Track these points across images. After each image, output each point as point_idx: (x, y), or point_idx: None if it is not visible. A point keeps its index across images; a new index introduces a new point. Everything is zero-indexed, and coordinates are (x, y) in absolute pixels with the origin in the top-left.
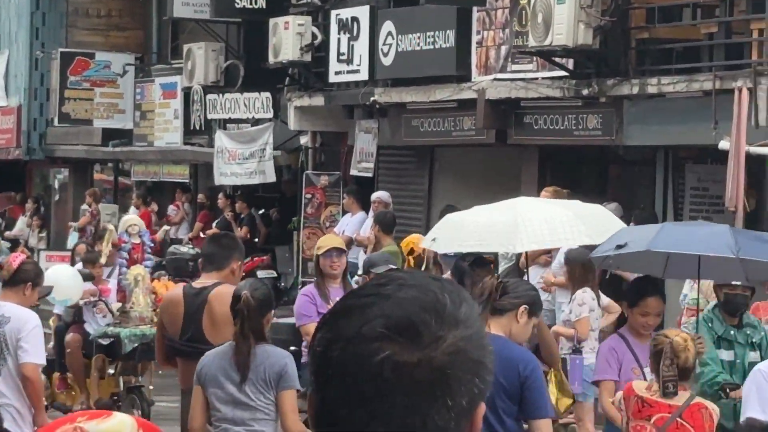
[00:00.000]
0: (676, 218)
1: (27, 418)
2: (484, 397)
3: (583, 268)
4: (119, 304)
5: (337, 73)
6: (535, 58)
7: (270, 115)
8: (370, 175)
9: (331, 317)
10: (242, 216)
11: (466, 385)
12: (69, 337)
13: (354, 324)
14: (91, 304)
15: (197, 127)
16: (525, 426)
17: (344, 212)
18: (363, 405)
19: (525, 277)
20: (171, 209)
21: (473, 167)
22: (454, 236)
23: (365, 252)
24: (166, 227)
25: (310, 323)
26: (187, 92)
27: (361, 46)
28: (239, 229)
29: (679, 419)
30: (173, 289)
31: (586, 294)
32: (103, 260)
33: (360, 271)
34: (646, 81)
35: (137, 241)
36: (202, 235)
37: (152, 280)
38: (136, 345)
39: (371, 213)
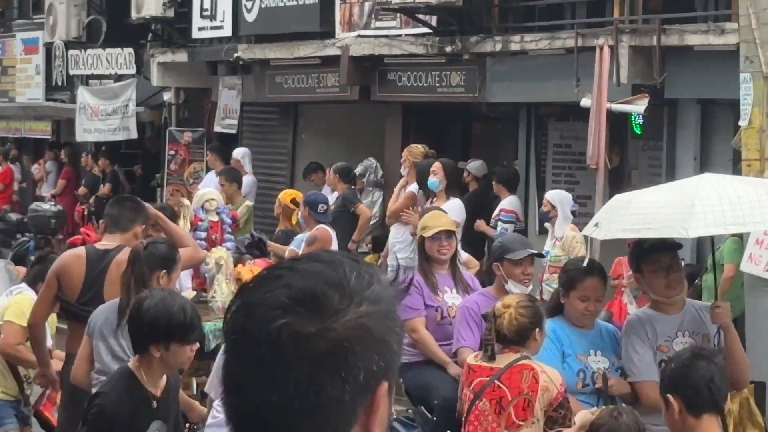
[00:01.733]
0: (539, 175)
1: None
2: (386, 376)
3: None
4: (193, 293)
5: (200, 29)
6: (398, 15)
7: (133, 71)
8: (233, 131)
9: (244, 286)
10: (106, 173)
11: (364, 362)
12: None
13: (260, 292)
14: None
15: (59, 83)
16: None
17: (208, 169)
18: (261, 371)
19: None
20: (34, 168)
21: (337, 124)
22: (619, 220)
23: None
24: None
25: (417, 318)
26: (48, 48)
27: (225, 2)
28: (103, 186)
29: (497, 381)
30: (73, 250)
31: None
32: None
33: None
34: (509, 38)
35: (215, 218)
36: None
37: (236, 264)
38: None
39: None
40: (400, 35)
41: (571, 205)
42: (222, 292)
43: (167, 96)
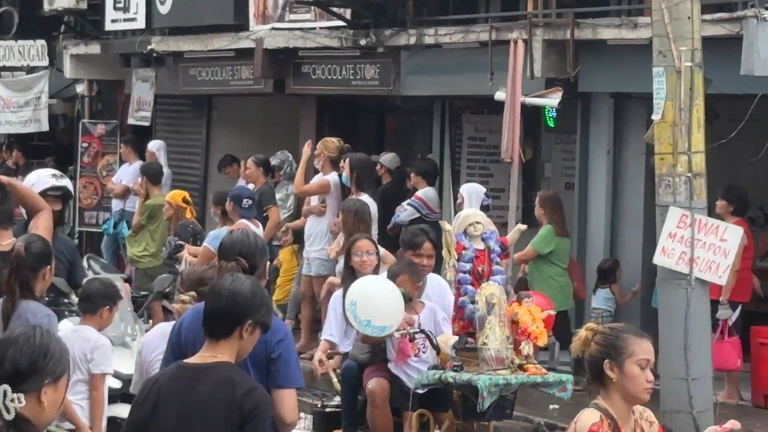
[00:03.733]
0: (454, 168)
1: None
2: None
3: (355, 217)
4: (454, 339)
5: (113, 21)
6: (312, 8)
7: (45, 63)
8: (147, 124)
9: None
10: (19, 165)
11: None
12: (372, 383)
13: None
14: (405, 335)
15: None
16: None
17: (122, 162)
18: None
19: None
20: None
21: (251, 117)
22: None
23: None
24: None
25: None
26: None
27: None
28: (16, 178)
29: None
30: None
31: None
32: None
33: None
34: (423, 31)
35: (481, 246)
36: None
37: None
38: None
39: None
40: (314, 28)
41: (482, 199)
42: (495, 338)
43: (80, 88)
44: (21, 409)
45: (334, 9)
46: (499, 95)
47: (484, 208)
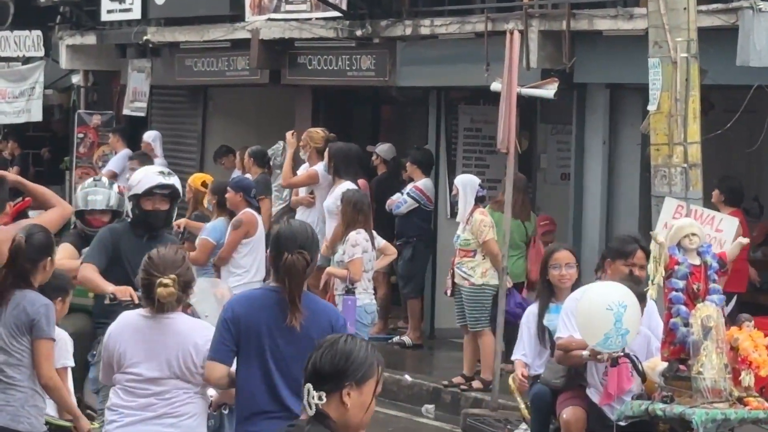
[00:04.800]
0: (449, 159)
1: None
2: None
3: (354, 208)
4: (663, 365)
5: (109, 11)
6: None
7: (41, 53)
8: (143, 114)
9: None
10: (15, 156)
11: None
12: (568, 412)
13: None
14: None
15: None
16: None
17: (115, 152)
18: None
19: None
20: None
21: (247, 107)
22: None
23: None
24: None
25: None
26: None
27: None
28: (11, 169)
29: None
30: None
31: (359, 235)
32: None
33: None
34: (419, 22)
35: (696, 261)
36: None
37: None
38: None
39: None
40: (310, 19)
41: (476, 190)
42: (712, 366)
43: (76, 79)
44: (324, 407)
45: (330, 0)
46: (495, 86)
47: (479, 200)
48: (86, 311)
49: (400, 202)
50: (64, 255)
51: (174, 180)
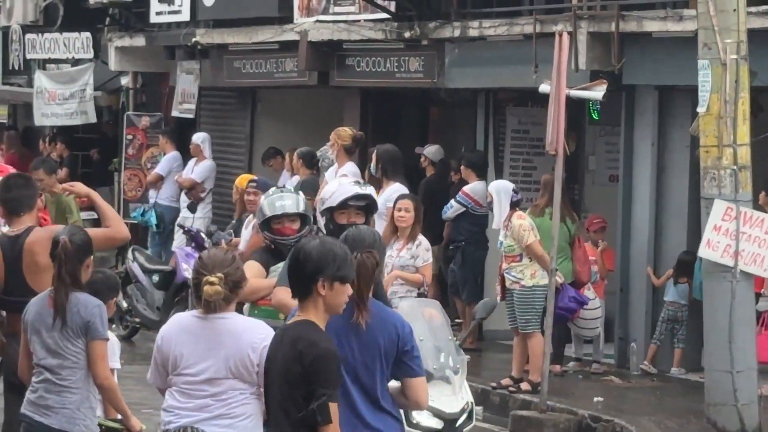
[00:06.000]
0: (497, 161)
1: None
2: None
3: (420, 211)
4: None
5: (158, 13)
6: (357, 1)
7: (90, 55)
8: (191, 116)
9: None
10: (63, 157)
11: None
12: None
13: None
14: None
15: (16, 67)
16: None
17: (164, 153)
18: None
19: None
20: None
21: (295, 109)
22: None
23: (187, 195)
24: None
25: None
26: (5, 31)
27: None
28: (60, 170)
29: None
30: None
31: (424, 239)
32: None
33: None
34: (467, 24)
35: None
36: None
37: None
38: None
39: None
40: (358, 20)
41: (510, 195)
42: None
43: (125, 80)
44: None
45: (379, 1)
46: (544, 88)
47: (514, 204)
48: None
49: (447, 206)
50: (251, 274)
51: (370, 191)
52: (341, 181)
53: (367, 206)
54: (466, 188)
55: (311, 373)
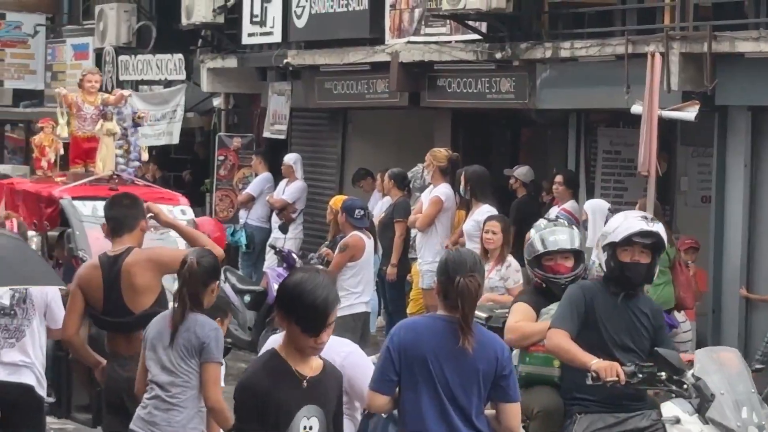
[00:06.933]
0: (588, 182)
1: None
2: None
3: (509, 232)
4: None
5: (250, 35)
6: (448, 22)
7: (182, 76)
8: (283, 137)
9: None
10: (156, 178)
11: None
12: None
13: None
14: None
15: (109, 89)
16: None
17: (257, 174)
18: None
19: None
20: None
21: (386, 130)
22: None
23: (278, 216)
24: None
25: None
26: (99, 53)
27: (274, 8)
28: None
29: None
30: (90, 260)
31: (514, 260)
32: None
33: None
34: (558, 45)
35: None
36: None
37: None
38: None
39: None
40: (449, 41)
41: (605, 215)
42: None
43: (217, 102)
44: None
45: (470, 22)
46: (636, 108)
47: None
48: (552, 383)
49: None
50: (521, 317)
51: (658, 228)
52: (627, 215)
53: (654, 244)
54: (566, 206)
55: None
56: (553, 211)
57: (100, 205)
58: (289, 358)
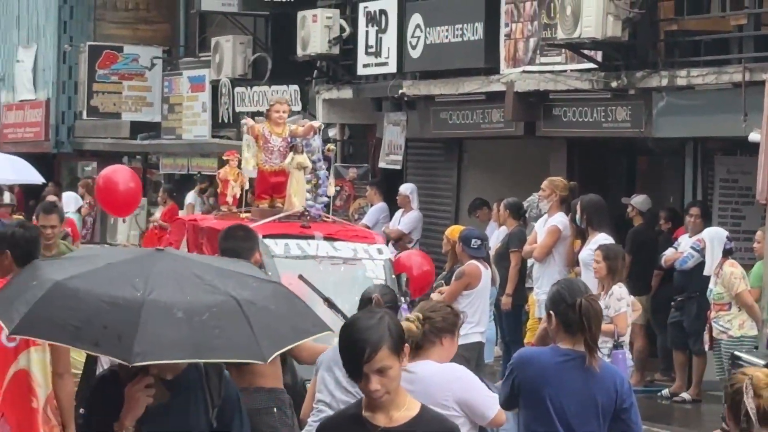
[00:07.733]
0: (706, 210)
1: None
2: None
3: (617, 260)
4: None
5: (365, 65)
6: (563, 51)
7: (298, 108)
8: (398, 167)
9: None
10: None
11: None
12: None
13: None
14: None
15: (225, 120)
16: None
17: (372, 204)
18: None
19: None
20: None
21: (502, 160)
22: None
23: (395, 246)
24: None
25: None
26: (215, 85)
27: (389, 39)
28: None
29: None
30: None
31: (622, 289)
32: None
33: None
34: (675, 73)
35: None
36: None
37: None
38: None
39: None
40: (565, 71)
41: (724, 243)
42: None
43: (332, 132)
44: None
45: (585, 51)
46: (754, 136)
47: (727, 252)
48: None
49: (687, 256)
50: None
51: None
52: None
53: None
54: (703, 236)
55: None
56: (684, 241)
57: (293, 243)
58: (367, 406)
